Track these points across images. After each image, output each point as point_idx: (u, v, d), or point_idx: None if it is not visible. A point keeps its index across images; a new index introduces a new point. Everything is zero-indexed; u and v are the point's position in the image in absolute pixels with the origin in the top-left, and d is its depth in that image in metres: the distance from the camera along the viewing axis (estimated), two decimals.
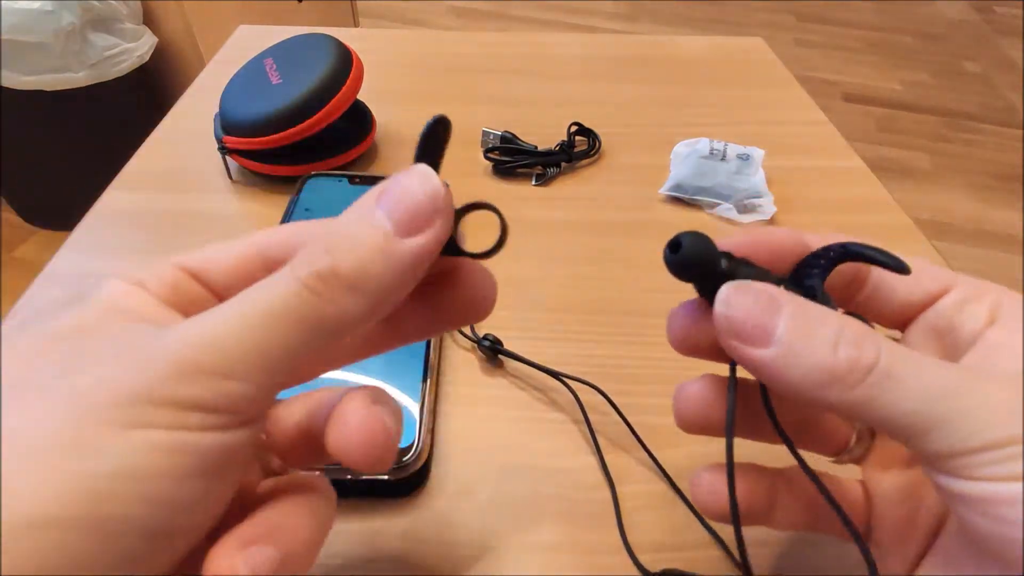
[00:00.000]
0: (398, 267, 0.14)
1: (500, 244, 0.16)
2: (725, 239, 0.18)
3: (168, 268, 0.16)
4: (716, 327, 0.16)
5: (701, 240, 0.17)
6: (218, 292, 0.16)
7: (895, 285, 0.18)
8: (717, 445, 0.29)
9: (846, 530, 0.16)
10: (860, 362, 0.14)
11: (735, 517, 0.17)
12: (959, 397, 0.14)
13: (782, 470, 0.20)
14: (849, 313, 0.16)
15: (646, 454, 0.28)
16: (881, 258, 0.16)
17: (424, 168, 0.16)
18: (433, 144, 0.16)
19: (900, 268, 0.16)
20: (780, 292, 0.15)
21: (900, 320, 0.18)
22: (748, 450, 0.20)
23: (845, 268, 0.17)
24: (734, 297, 0.16)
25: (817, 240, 0.17)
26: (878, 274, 0.18)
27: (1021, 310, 0.16)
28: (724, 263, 0.16)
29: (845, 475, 0.20)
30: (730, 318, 0.15)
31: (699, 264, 0.16)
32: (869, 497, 0.20)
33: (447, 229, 0.16)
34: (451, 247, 0.16)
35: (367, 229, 0.14)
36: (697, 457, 0.28)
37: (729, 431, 0.17)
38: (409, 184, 0.15)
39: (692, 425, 0.19)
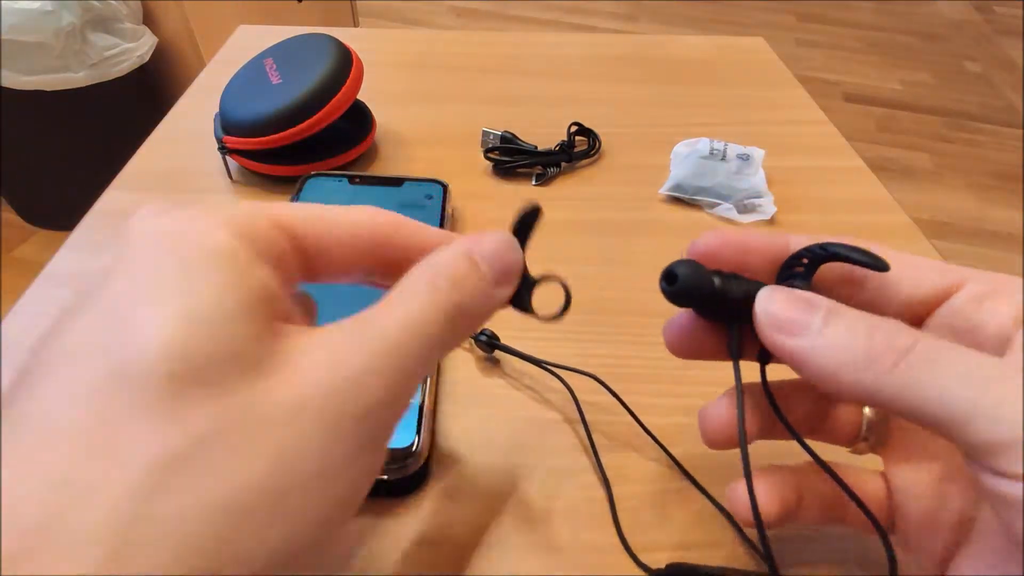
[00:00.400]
0: (490, 312, 0.17)
1: (566, 309, 0.19)
2: (705, 236, 0.18)
3: (264, 223, 0.15)
4: (756, 325, 0.16)
5: (694, 268, 0.17)
6: (309, 258, 0.16)
7: (898, 282, 0.17)
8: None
9: (870, 523, 0.16)
10: (896, 343, 0.14)
11: (757, 518, 0.17)
12: (1005, 383, 0.13)
13: (802, 466, 0.20)
14: None
15: (646, 453, 0.28)
16: (859, 257, 0.16)
17: (513, 240, 0.18)
18: (526, 226, 0.19)
19: (879, 266, 0.16)
20: (814, 296, 0.16)
21: (908, 319, 0.18)
22: (763, 449, 0.20)
23: (840, 266, 0.17)
24: (775, 294, 0.16)
25: (802, 241, 0.17)
26: (877, 274, 0.18)
27: None
28: (717, 282, 0.17)
29: (866, 466, 0.20)
30: (771, 313, 0.16)
31: (696, 291, 0.17)
32: (891, 490, 0.20)
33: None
34: (524, 305, 0.19)
35: (477, 277, 0.16)
36: (698, 456, 0.28)
37: (742, 433, 0.17)
38: (504, 247, 0.18)
39: (718, 443, 0.19)
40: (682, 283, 0.17)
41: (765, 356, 0.18)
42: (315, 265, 0.16)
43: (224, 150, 0.42)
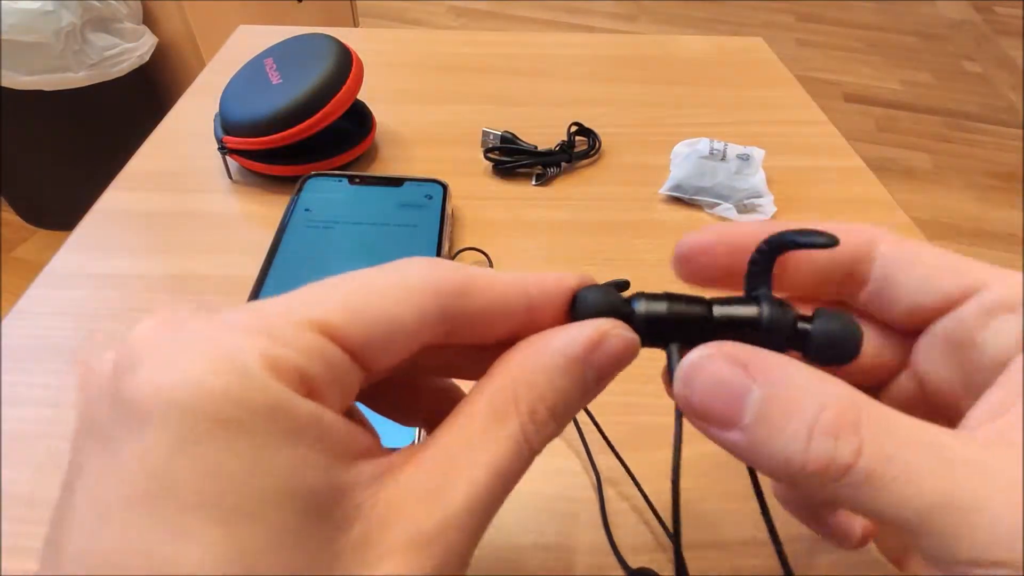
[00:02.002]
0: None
1: None
2: (689, 237, 0.16)
3: (311, 338, 0.12)
4: (680, 406, 0.14)
5: (601, 293, 0.16)
6: (362, 360, 0.13)
7: (903, 285, 0.15)
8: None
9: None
10: (835, 463, 0.12)
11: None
12: (952, 512, 0.11)
13: None
14: (841, 305, 0.15)
15: (644, 454, 0.28)
16: (806, 240, 0.14)
17: (636, 339, 0.15)
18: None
19: (829, 243, 0.14)
20: (752, 354, 0.13)
21: (911, 324, 0.16)
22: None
23: (837, 264, 0.16)
24: (695, 371, 0.14)
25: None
26: (881, 269, 0.16)
27: None
28: (640, 305, 0.15)
29: None
30: (690, 400, 0.14)
31: (652, 323, 0.15)
32: None
33: None
34: None
35: (581, 393, 0.14)
36: (697, 456, 0.28)
37: (675, 474, 0.15)
38: (630, 354, 0.15)
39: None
40: (586, 310, 0.15)
41: None
42: (369, 365, 0.13)
43: (224, 150, 0.42)
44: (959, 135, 1.80)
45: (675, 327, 0.15)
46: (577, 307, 0.15)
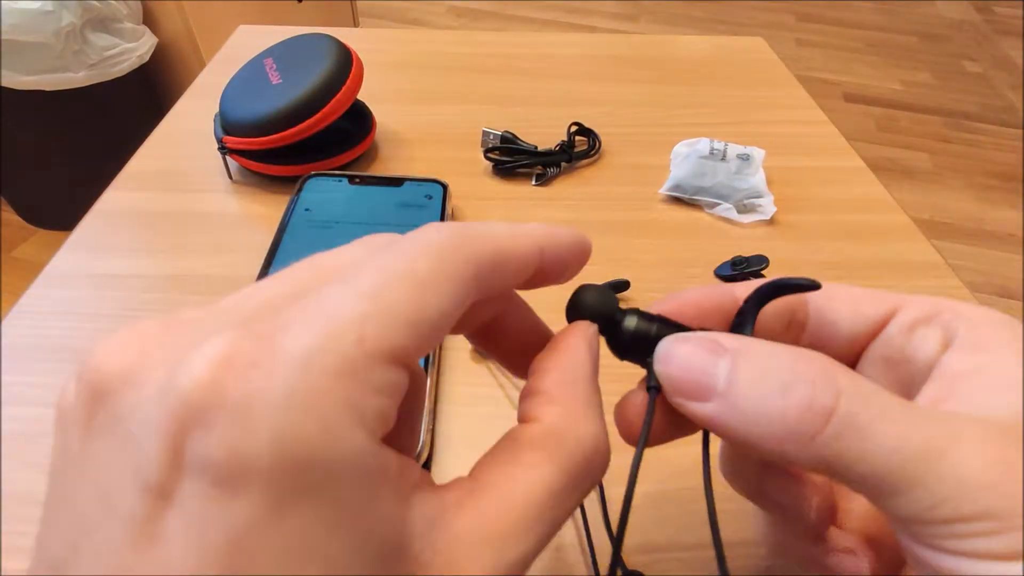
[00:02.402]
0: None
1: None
2: (655, 305, 0.17)
3: (390, 375, 0.12)
4: (661, 385, 0.15)
5: (600, 294, 0.16)
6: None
7: (836, 319, 0.17)
8: (716, 444, 0.29)
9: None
10: (815, 406, 0.12)
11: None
12: (931, 458, 0.12)
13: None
14: None
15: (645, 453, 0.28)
16: (793, 283, 0.15)
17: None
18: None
19: (812, 286, 0.15)
20: (724, 336, 0.14)
21: (852, 356, 0.17)
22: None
23: (780, 312, 0.17)
24: (673, 347, 0.15)
25: (750, 288, 0.17)
26: (816, 310, 0.17)
27: (976, 327, 0.14)
28: (629, 319, 0.16)
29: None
30: (668, 373, 0.14)
31: (597, 317, 0.16)
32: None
33: None
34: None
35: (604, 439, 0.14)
36: (696, 456, 0.28)
37: (633, 475, 0.15)
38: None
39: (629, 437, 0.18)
40: (582, 308, 0.16)
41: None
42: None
43: (224, 150, 0.42)
44: (959, 135, 1.80)
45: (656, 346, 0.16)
46: (574, 308, 0.16)
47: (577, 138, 0.47)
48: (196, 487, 0.10)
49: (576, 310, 0.16)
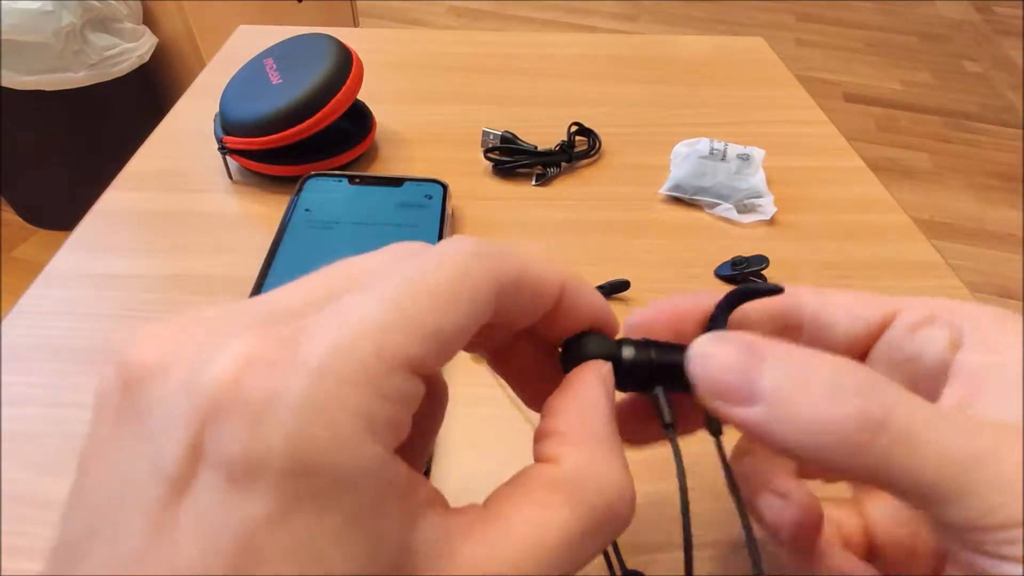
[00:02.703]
0: None
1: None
2: (634, 316, 0.17)
3: (406, 384, 0.12)
4: (695, 387, 0.14)
5: (596, 340, 0.16)
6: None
7: (833, 323, 0.17)
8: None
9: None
10: (868, 416, 0.12)
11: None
12: (981, 466, 0.12)
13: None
14: None
15: (646, 452, 0.28)
16: (757, 290, 0.16)
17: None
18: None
19: (776, 290, 0.16)
20: (760, 339, 0.14)
21: (853, 357, 0.17)
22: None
23: (772, 316, 0.17)
24: (711, 348, 0.14)
25: (715, 297, 0.17)
26: (812, 315, 0.17)
27: (981, 324, 0.15)
28: (628, 351, 0.16)
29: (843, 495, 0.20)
30: (706, 375, 0.14)
31: (641, 367, 0.16)
32: (867, 521, 0.19)
33: None
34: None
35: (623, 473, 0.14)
36: (696, 456, 0.28)
37: (685, 520, 0.15)
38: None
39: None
40: (580, 356, 0.16)
41: (716, 425, 0.16)
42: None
43: (224, 150, 0.42)
44: (959, 135, 1.80)
45: (661, 372, 0.16)
46: (574, 350, 0.16)
47: (577, 138, 0.47)
48: (211, 480, 0.10)
49: (575, 352, 0.16)
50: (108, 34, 1.10)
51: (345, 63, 0.42)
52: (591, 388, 0.15)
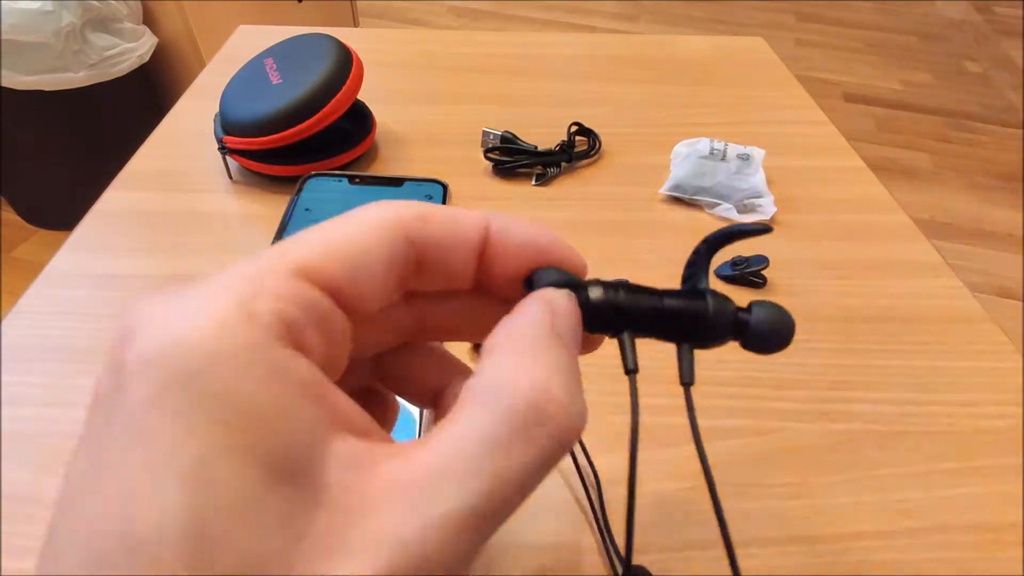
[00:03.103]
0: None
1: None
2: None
3: (293, 284, 0.12)
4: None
5: (560, 277, 0.15)
6: (345, 299, 0.13)
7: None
8: (716, 444, 0.29)
9: None
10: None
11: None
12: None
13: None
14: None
15: (643, 454, 0.28)
16: (742, 230, 0.15)
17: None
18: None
19: (764, 230, 0.15)
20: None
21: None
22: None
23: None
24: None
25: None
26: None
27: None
28: (595, 292, 0.15)
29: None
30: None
31: (607, 309, 0.16)
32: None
33: None
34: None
35: (575, 365, 0.14)
36: (692, 457, 0.28)
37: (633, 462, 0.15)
38: (577, 318, 0.15)
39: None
40: (538, 282, 0.15)
41: (687, 376, 0.16)
42: (353, 307, 0.13)
43: (224, 150, 0.42)
44: (959, 135, 1.81)
45: (628, 317, 0.15)
46: (532, 285, 0.15)
47: (577, 138, 0.47)
48: (110, 381, 0.11)
49: (526, 288, 0.15)
50: (108, 34, 1.10)
51: (345, 63, 0.42)
52: (527, 307, 0.14)
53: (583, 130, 0.48)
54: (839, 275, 0.38)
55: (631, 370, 0.15)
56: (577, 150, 0.46)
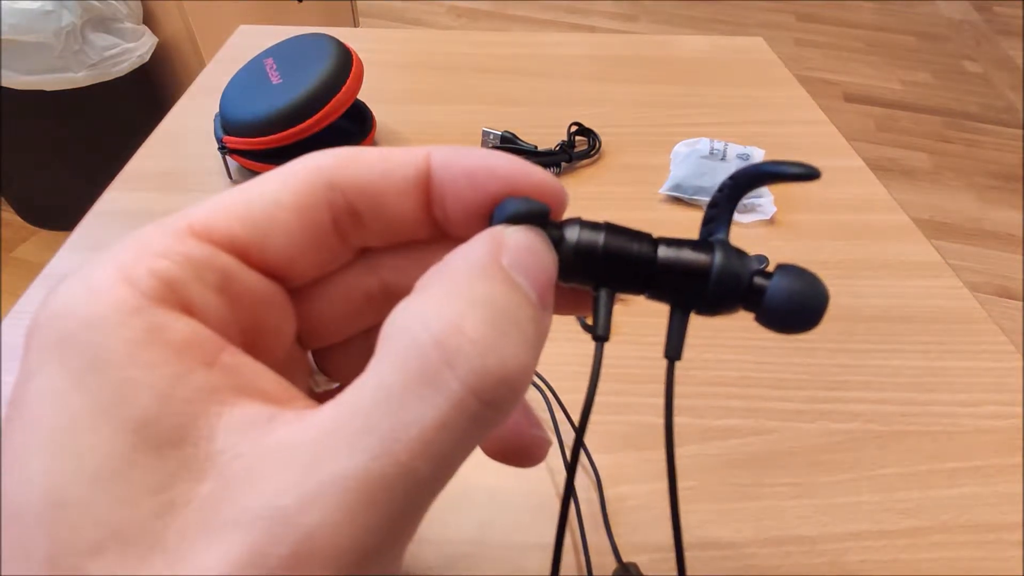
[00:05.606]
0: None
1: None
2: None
3: (185, 244, 0.11)
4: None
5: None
6: (257, 258, 0.12)
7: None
8: (715, 444, 0.29)
9: None
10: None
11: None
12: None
13: None
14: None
15: (642, 454, 0.28)
16: (780, 171, 0.12)
17: (542, 234, 0.13)
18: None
19: (809, 173, 0.12)
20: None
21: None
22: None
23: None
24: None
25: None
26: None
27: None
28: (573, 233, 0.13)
29: None
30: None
31: (584, 254, 0.13)
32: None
33: None
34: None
35: (522, 306, 0.11)
36: (693, 456, 0.28)
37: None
38: (543, 253, 0.12)
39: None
40: (501, 215, 0.12)
41: (674, 351, 0.13)
42: (273, 268, 0.12)
43: (224, 150, 0.42)
44: (959, 135, 1.80)
45: (609, 265, 0.12)
46: (494, 220, 0.12)
47: (577, 138, 0.47)
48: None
49: (494, 219, 0.12)
50: (108, 34, 1.10)
51: (345, 63, 0.42)
52: (470, 242, 0.12)
53: (583, 130, 0.48)
54: (839, 275, 0.38)
55: (599, 336, 0.12)
56: (577, 150, 0.46)
